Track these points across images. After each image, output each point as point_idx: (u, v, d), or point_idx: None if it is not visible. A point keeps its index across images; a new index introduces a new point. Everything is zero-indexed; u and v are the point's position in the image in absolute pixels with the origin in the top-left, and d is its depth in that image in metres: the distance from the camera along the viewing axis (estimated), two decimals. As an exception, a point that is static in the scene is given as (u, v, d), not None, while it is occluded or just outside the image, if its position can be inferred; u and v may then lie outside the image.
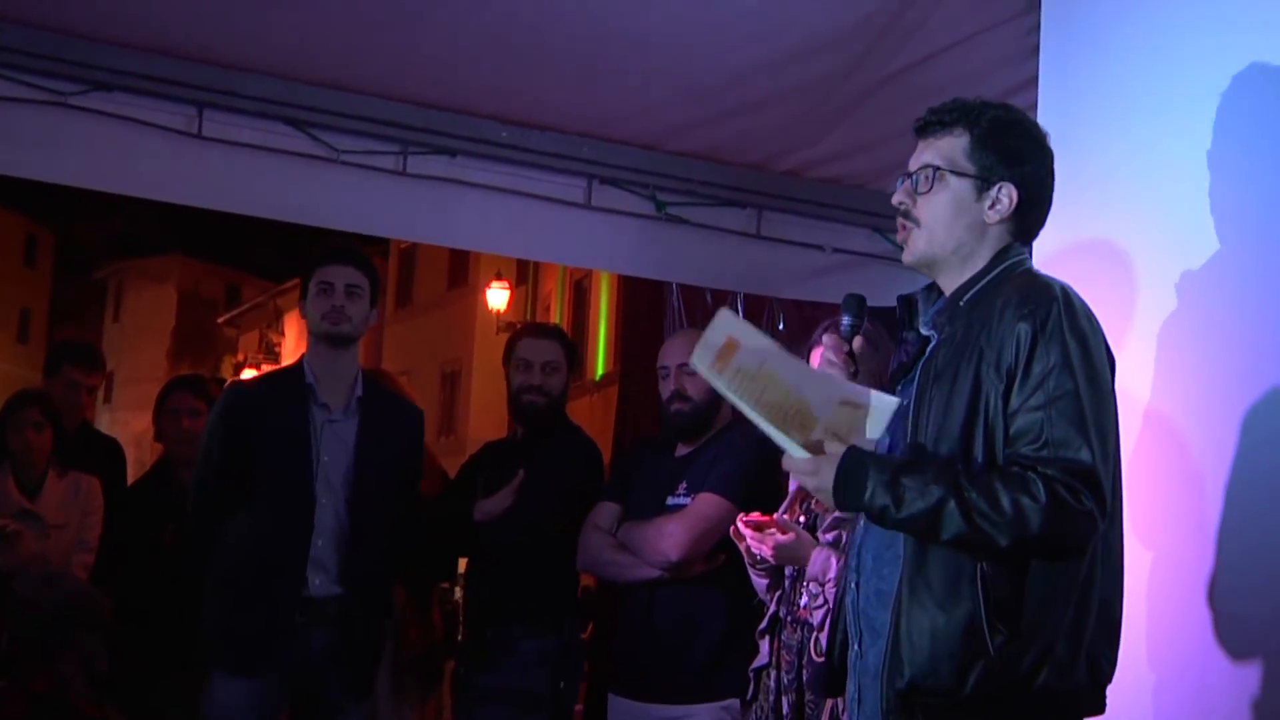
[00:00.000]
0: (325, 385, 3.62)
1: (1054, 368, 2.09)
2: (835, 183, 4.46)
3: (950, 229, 2.28)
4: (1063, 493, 2.03)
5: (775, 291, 4.74)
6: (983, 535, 2.05)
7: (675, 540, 3.52)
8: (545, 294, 19.83)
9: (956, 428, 2.14)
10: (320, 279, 3.62)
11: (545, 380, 3.99)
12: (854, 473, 2.12)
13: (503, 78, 3.91)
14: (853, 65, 3.83)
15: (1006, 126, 2.29)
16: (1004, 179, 2.26)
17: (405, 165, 4.04)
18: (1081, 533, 2.06)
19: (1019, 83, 3.63)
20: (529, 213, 4.21)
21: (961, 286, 2.28)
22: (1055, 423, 2.08)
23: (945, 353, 2.21)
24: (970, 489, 2.06)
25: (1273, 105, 2.60)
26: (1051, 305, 2.12)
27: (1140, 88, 2.96)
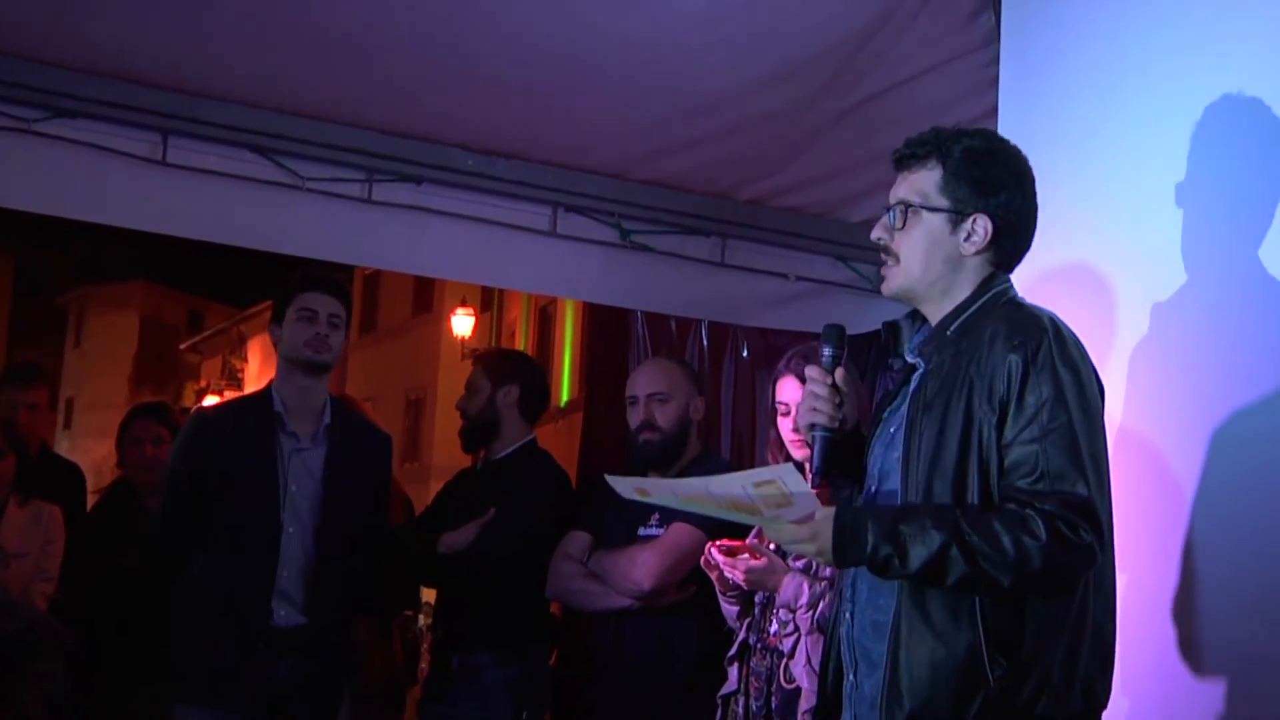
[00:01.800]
0: (294, 413, 3.60)
1: (1047, 400, 2.09)
2: (799, 211, 4.48)
3: (927, 264, 2.28)
4: (1062, 528, 2.04)
5: (739, 319, 4.74)
6: (986, 576, 2.05)
7: (648, 569, 3.52)
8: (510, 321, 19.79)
9: (951, 459, 2.14)
10: (303, 305, 3.60)
11: (465, 402, 4.04)
12: (853, 528, 2.11)
13: (469, 106, 3.91)
14: (816, 96, 3.87)
15: (980, 156, 2.28)
16: (978, 210, 2.26)
17: (370, 192, 4.03)
18: (1079, 566, 2.07)
19: (979, 114, 3.68)
20: (494, 240, 4.20)
21: (948, 316, 2.28)
22: (1051, 455, 2.08)
23: (934, 383, 2.21)
24: (971, 532, 2.05)
25: (1231, 131, 2.64)
26: (1042, 336, 2.13)
27: (1098, 119, 3.00)
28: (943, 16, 3.68)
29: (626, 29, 3.61)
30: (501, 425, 4.00)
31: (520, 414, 4.03)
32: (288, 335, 3.61)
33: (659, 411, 3.68)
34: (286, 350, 3.62)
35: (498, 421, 4.00)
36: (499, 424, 4.00)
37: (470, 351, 17.28)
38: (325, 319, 3.60)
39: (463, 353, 17.82)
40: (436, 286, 20.64)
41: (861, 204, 4.44)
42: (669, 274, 4.42)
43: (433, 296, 21.42)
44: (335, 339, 3.62)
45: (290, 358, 3.62)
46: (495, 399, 4.00)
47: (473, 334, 18.32)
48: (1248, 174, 2.60)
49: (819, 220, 4.51)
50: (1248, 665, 2.47)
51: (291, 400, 3.62)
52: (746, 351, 4.93)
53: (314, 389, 3.64)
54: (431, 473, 18.43)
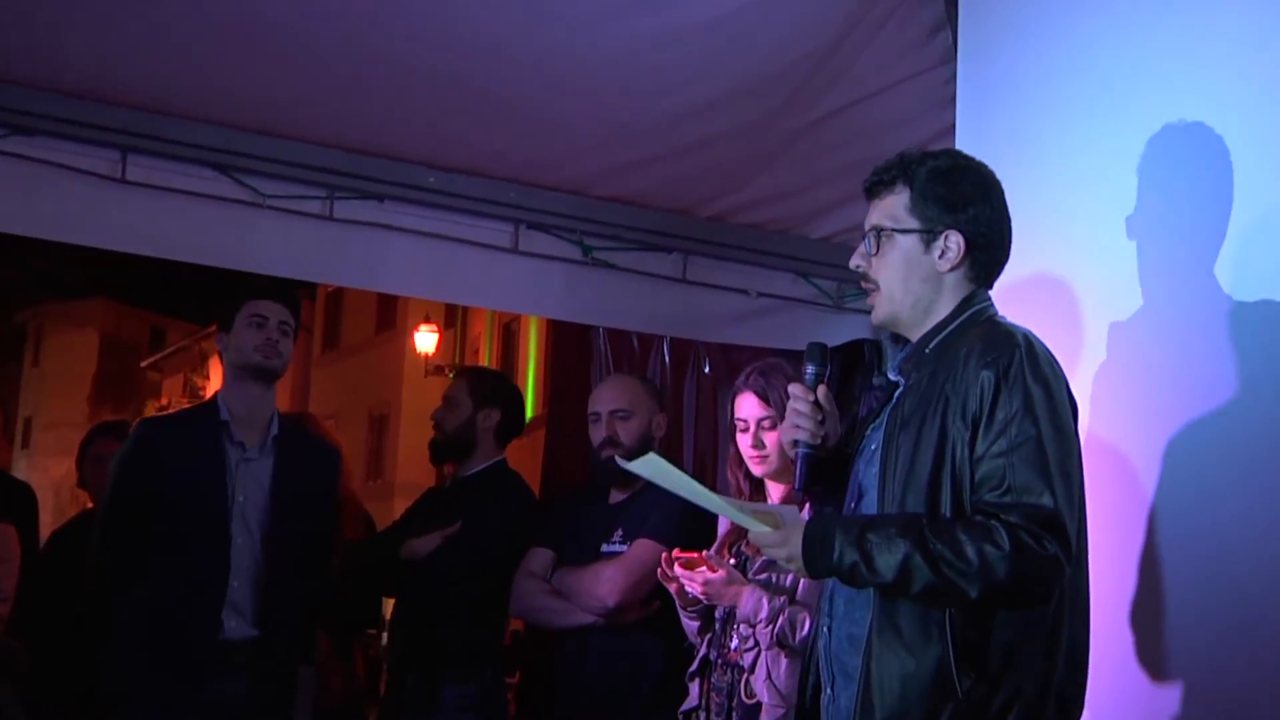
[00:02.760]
0: (241, 423, 3.57)
1: (1016, 414, 2.11)
2: (760, 228, 4.50)
3: (906, 285, 2.31)
4: (1026, 539, 2.05)
5: (701, 335, 4.75)
6: (952, 586, 2.06)
7: (613, 585, 3.51)
8: (474, 337, 19.74)
9: (924, 475, 2.16)
10: (253, 312, 3.57)
11: (442, 415, 4.03)
12: (821, 536, 2.14)
13: (430, 123, 3.91)
14: (776, 113, 3.89)
15: (945, 174, 2.31)
16: (949, 227, 2.28)
17: (332, 210, 4.02)
18: (1047, 578, 2.07)
19: (938, 130, 3.72)
20: (456, 257, 4.20)
21: (927, 333, 2.30)
22: (1018, 469, 2.10)
23: (912, 400, 2.24)
24: (935, 540, 2.07)
25: (1185, 148, 2.67)
26: (1014, 352, 2.15)
27: (1054, 136, 3.03)
28: (901, 34, 3.71)
29: (587, 47, 3.62)
30: (477, 446, 4.01)
31: (495, 437, 4.05)
32: (237, 341, 3.58)
33: (621, 428, 3.68)
34: (235, 356, 3.59)
35: (474, 442, 4.01)
36: (475, 444, 4.01)
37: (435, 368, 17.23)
38: (275, 325, 3.58)
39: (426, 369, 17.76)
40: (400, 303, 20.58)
41: (823, 220, 4.47)
42: (631, 290, 4.43)
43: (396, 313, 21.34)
44: (285, 346, 3.60)
45: (239, 364, 3.58)
46: (475, 419, 4.00)
47: (436, 351, 18.26)
48: (1201, 189, 2.64)
49: (780, 236, 4.53)
50: (1213, 674, 2.49)
51: (239, 409, 3.58)
52: (708, 367, 4.93)
53: (262, 398, 3.62)
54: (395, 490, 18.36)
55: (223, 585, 3.43)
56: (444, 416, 4.03)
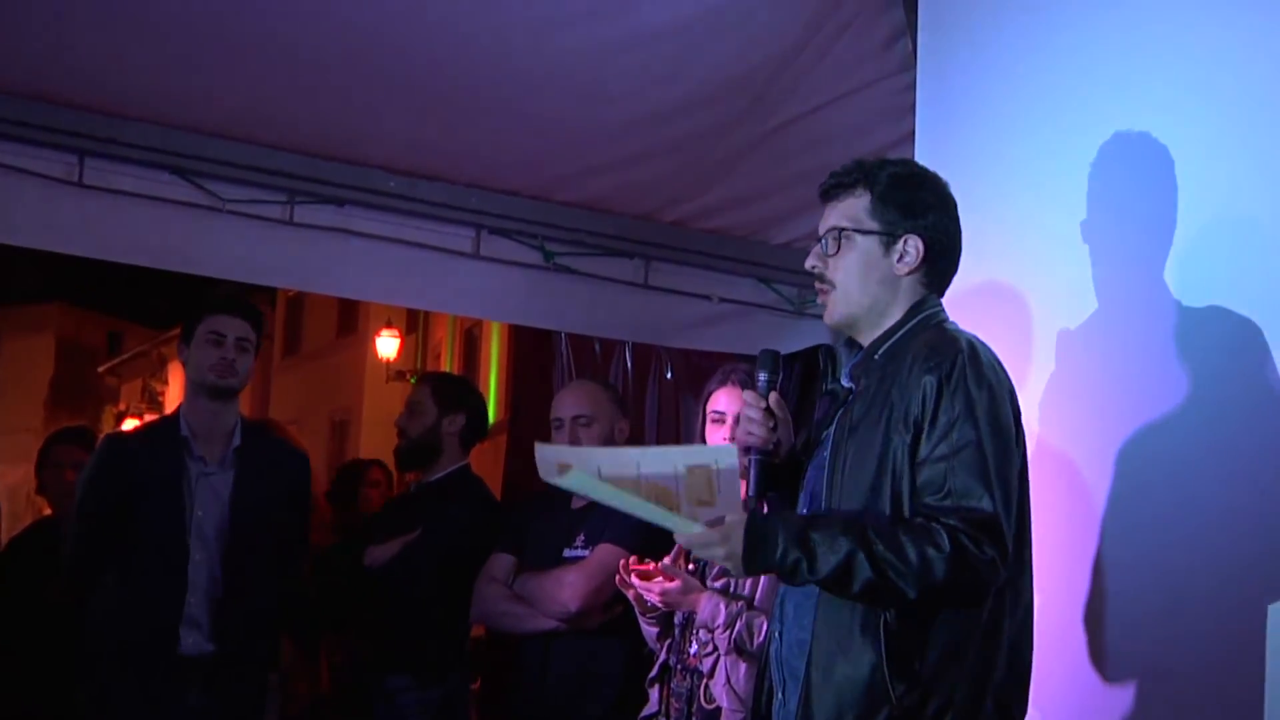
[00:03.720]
0: (201, 437, 3.57)
1: (958, 419, 2.13)
2: (722, 233, 4.52)
3: (863, 286, 2.32)
4: (965, 542, 2.07)
5: (663, 340, 4.77)
6: (891, 586, 2.08)
7: (575, 590, 3.51)
8: (436, 342, 19.66)
9: (868, 481, 2.18)
10: (211, 328, 3.57)
11: (406, 422, 4.02)
12: (763, 534, 2.14)
13: (392, 127, 3.90)
14: (736, 119, 3.91)
15: (905, 180, 2.34)
16: (909, 231, 2.31)
17: (292, 214, 4.00)
18: (984, 581, 2.10)
19: (897, 138, 3.75)
20: (417, 262, 4.19)
21: (878, 339, 2.32)
22: (957, 473, 2.11)
23: (860, 406, 2.25)
24: (877, 540, 2.09)
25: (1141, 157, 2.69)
26: (956, 357, 2.16)
27: (1013, 143, 3.06)
28: (859, 42, 3.73)
29: (550, 52, 3.62)
30: (442, 452, 4.01)
31: (460, 442, 4.05)
32: (194, 358, 3.57)
33: (583, 434, 3.68)
34: (193, 373, 3.59)
35: (439, 447, 4.01)
36: (440, 450, 4.01)
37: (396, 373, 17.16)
38: (233, 342, 3.57)
39: (388, 375, 17.68)
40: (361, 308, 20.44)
41: (784, 226, 4.49)
42: (593, 295, 4.43)
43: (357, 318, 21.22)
44: (243, 362, 3.59)
45: (197, 380, 3.58)
46: (440, 425, 4.01)
47: (398, 356, 18.17)
48: (1154, 196, 2.66)
49: (742, 242, 4.55)
50: (1157, 675, 2.53)
51: (198, 424, 3.58)
52: (671, 373, 4.95)
53: (221, 412, 3.61)
54: (356, 496, 18.24)
55: (179, 601, 3.42)
56: (408, 423, 4.03)
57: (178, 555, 3.44)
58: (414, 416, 4.03)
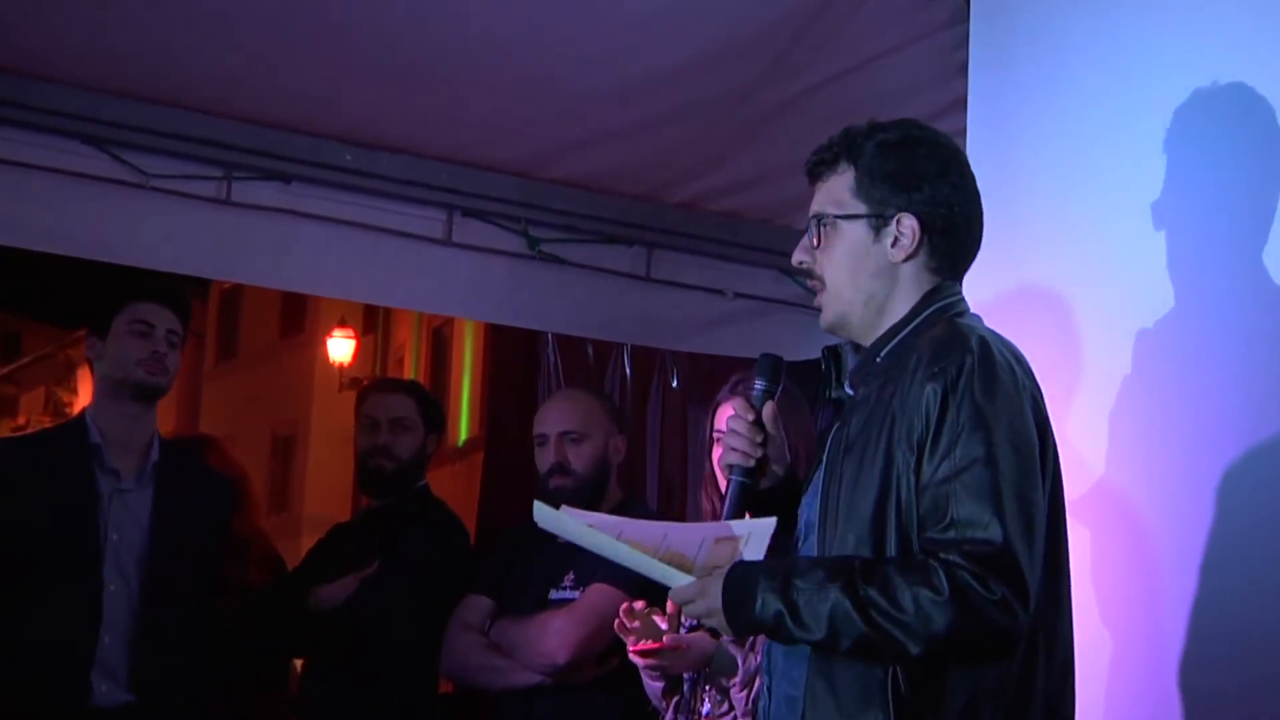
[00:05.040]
0: (115, 446, 3.56)
1: (962, 433, 2.09)
2: (737, 217, 4.52)
3: (855, 281, 2.30)
4: (967, 581, 2.03)
5: (668, 343, 4.77)
6: (889, 640, 2.05)
7: (563, 639, 3.51)
8: (398, 345, 19.70)
9: (867, 510, 2.15)
10: (136, 317, 3.57)
11: (393, 440, 4.01)
12: (742, 585, 2.13)
13: (348, 91, 3.90)
14: (755, 83, 3.91)
15: (895, 148, 2.30)
16: (900, 209, 2.27)
17: (229, 192, 4.00)
18: (997, 627, 2.04)
19: (946, 104, 3.74)
20: (378, 250, 4.19)
21: (880, 338, 2.29)
22: (961, 498, 2.07)
23: (859, 418, 2.23)
24: (867, 585, 2.06)
25: (1231, 125, 2.70)
26: (964, 359, 2.13)
27: (1084, 110, 3.05)
28: (902, -10, 3.74)
29: (533, 5, 3.63)
30: (420, 474, 4.05)
31: (426, 463, 4.10)
32: (115, 351, 3.57)
33: (573, 452, 3.69)
34: (112, 369, 3.58)
35: (421, 471, 4.04)
36: (420, 474, 4.05)
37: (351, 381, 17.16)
38: (163, 334, 3.58)
39: (341, 383, 17.71)
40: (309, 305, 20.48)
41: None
42: (585, 290, 4.43)
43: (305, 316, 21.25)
44: (172, 359, 3.60)
45: (117, 379, 3.57)
46: (425, 446, 4.05)
47: (353, 360, 18.20)
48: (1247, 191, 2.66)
49: (761, 228, 4.55)
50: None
51: (113, 430, 3.57)
52: (676, 381, 4.96)
53: (141, 418, 3.61)
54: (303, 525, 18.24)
55: (92, 641, 3.40)
56: (395, 442, 4.03)
57: (89, 586, 3.42)
58: (400, 434, 4.03)
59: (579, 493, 3.68)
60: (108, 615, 3.44)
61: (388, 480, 4.02)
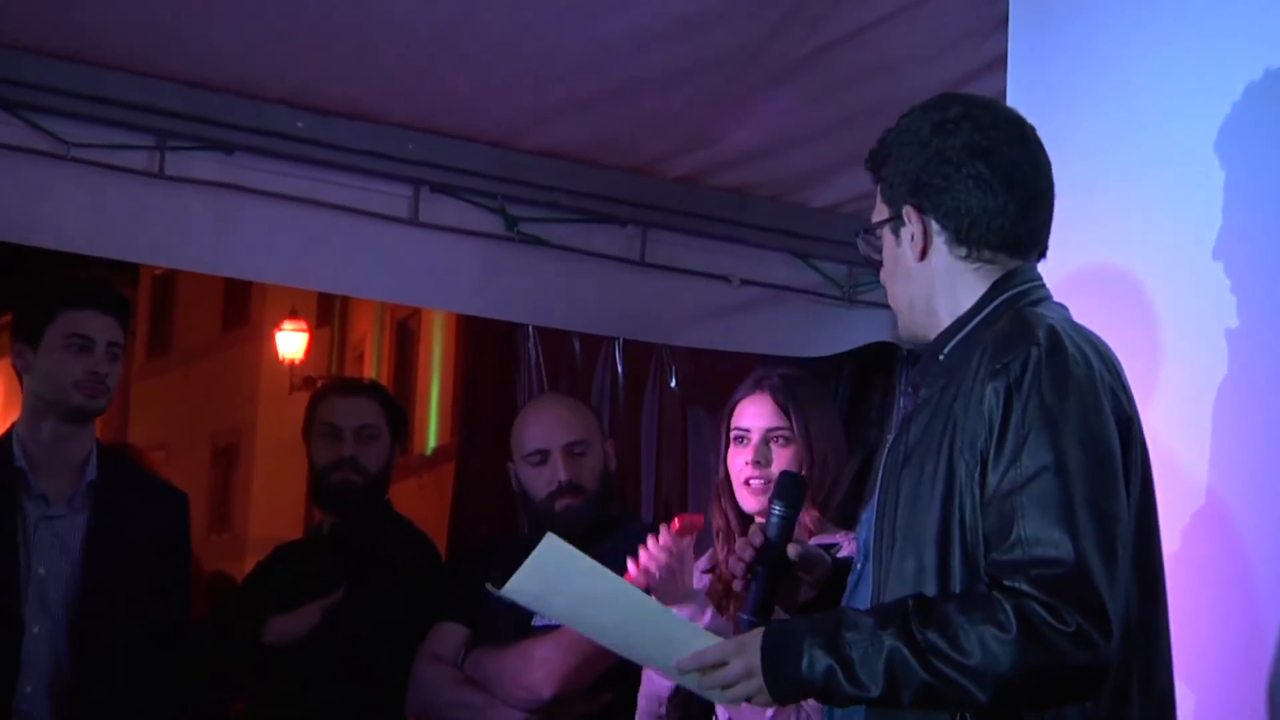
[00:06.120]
0: (43, 469, 3.58)
1: (1028, 437, 2.10)
2: (744, 193, 4.53)
3: (895, 289, 2.39)
4: (1037, 613, 2.03)
5: (665, 337, 4.78)
6: (953, 687, 2.06)
7: (549, 670, 3.53)
8: (357, 339, 19.67)
9: (928, 530, 2.16)
10: (73, 329, 3.57)
11: (360, 451, 4.01)
12: (783, 641, 2.14)
13: (299, 49, 3.90)
14: (764, 39, 3.90)
15: (897, 139, 2.34)
16: (905, 201, 2.32)
17: (163, 164, 4.01)
18: (1074, 663, 2.04)
19: (984, 62, 3.76)
20: (333, 230, 4.20)
21: (943, 334, 2.32)
22: (1027, 513, 2.08)
23: (917, 427, 2.25)
24: (925, 628, 2.07)
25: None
26: (1029, 351, 2.14)
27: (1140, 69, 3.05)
28: (932, -67, 3.75)
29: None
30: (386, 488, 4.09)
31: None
32: (49, 367, 3.58)
33: (583, 467, 3.71)
34: (44, 388, 3.59)
35: (387, 484, 4.07)
36: (387, 486, 4.08)
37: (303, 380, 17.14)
38: (103, 349, 3.58)
39: (292, 383, 17.66)
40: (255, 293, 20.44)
41: (826, 183, 4.49)
42: (571, 276, 4.44)
43: (249, 306, 21.22)
44: (114, 375, 3.61)
45: (50, 399, 3.59)
46: (393, 456, 4.08)
47: (305, 357, 18.16)
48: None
49: (770, 205, 4.56)
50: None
51: (40, 452, 3.58)
52: (675, 380, 4.95)
53: (75, 437, 3.63)
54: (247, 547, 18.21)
55: (9, 692, 3.41)
56: (364, 452, 4.04)
57: (9, 629, 3.43)
58: (372, 444, 4.05)
59: (589, 513, 3.70)
60: (28, 659, 3.45)
61: (356, 497, 4.03)
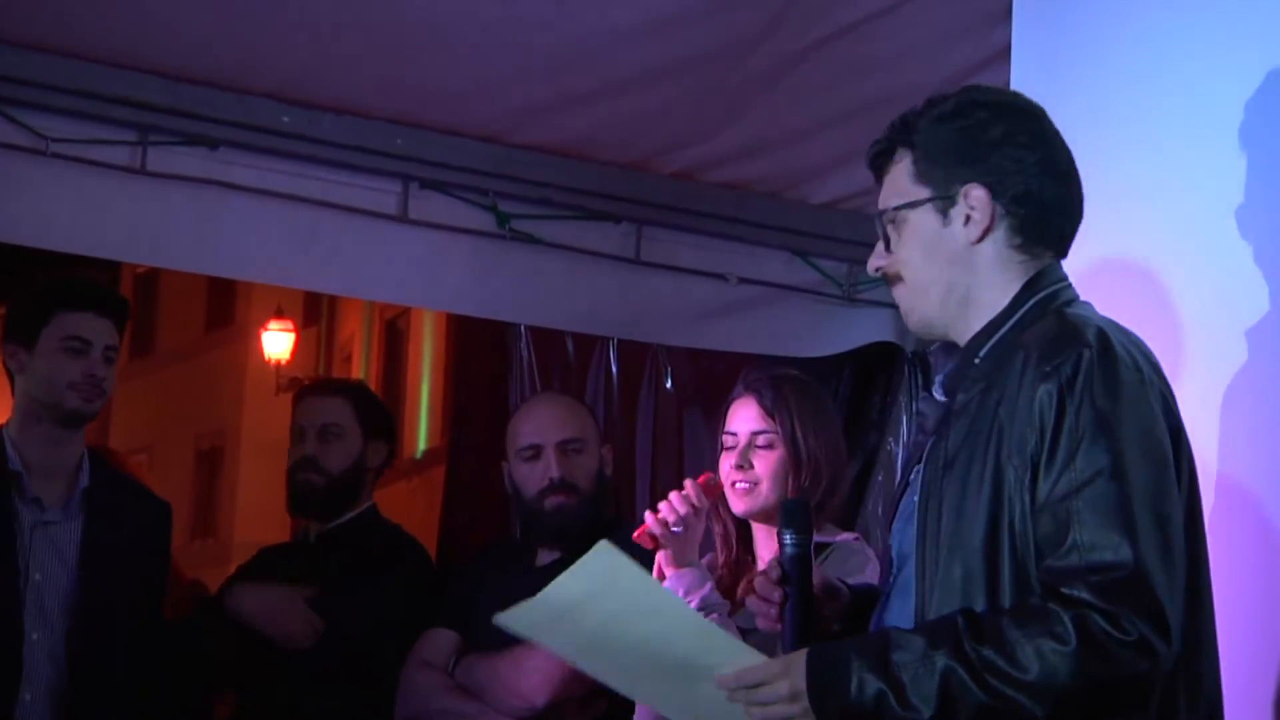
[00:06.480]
0: (39, 473, 3.59)
1: (1083, 441, 2.12)
2: (742, 189, 4.53)
3: (929, 272, 2.35)
4: (1097, 624, 2.04)
5: (661, 337, 4.78)
6: (1010, 703, 2.06)
7: (544, 677, 3.54)
8: (345, 339, 19.73)
9: (976, 537, 2.17)
10: (69, 331, 3.58)
11: (320, 450, 4.03)
12: (831, 665, 2.14)
13: (285, 41, 3.89)
14: (764, 31, 3.90)
15: (953, 118, 2.34)
16: (966, 181, 2.31)
17: (145, 160, 4.00)
18: (1134, 672, 2.06)
19: (988, 54, 3.78)
20: (320, 227, 4.19)
21: (978, 336, 2.33)
22: (1084, 518, 2.09)
23: (958, 432, 2.25)
24: (980, 644, 2.07)
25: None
26: (1081, 354, 2.15)
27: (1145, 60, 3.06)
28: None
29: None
30: (360, 491, 4.07)
31: (373, 479, 4.13)
32: (45, 369, 3.58)
33: (576, 465, 3.71)
34: (39, 389, 3.60)
35: (360, 486, 4.07)
36: (360, 489, 4.07)
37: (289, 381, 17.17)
38: (100, 352, 3.60)
39: (278, 384, 17.71)
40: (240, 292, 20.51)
41: (826, 179, 4.51)
42: (564, 274, 4.44)
43: (234, 305, 21.29)
44: (110, 379, 3.63)
45: (45, 401, 3.60)
46: (365, 456, 4.07)
47: (292, 357, 18.22)
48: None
49: (769, 201, 4.56)
50: None
51: (35, 455, 3.60)
52: (671, 381, 4.96)
53: (68, 441, 3.64)
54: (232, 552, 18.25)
55: (10, 700, 3.43)
56: (325, 452, 4.05)
57: (8, 635, 3.44)
58: (335, 443, 4.05)
59: (583, 513, 3.71)
60: (28, 667, 3.47)
61: (318, 498, 4.05)
